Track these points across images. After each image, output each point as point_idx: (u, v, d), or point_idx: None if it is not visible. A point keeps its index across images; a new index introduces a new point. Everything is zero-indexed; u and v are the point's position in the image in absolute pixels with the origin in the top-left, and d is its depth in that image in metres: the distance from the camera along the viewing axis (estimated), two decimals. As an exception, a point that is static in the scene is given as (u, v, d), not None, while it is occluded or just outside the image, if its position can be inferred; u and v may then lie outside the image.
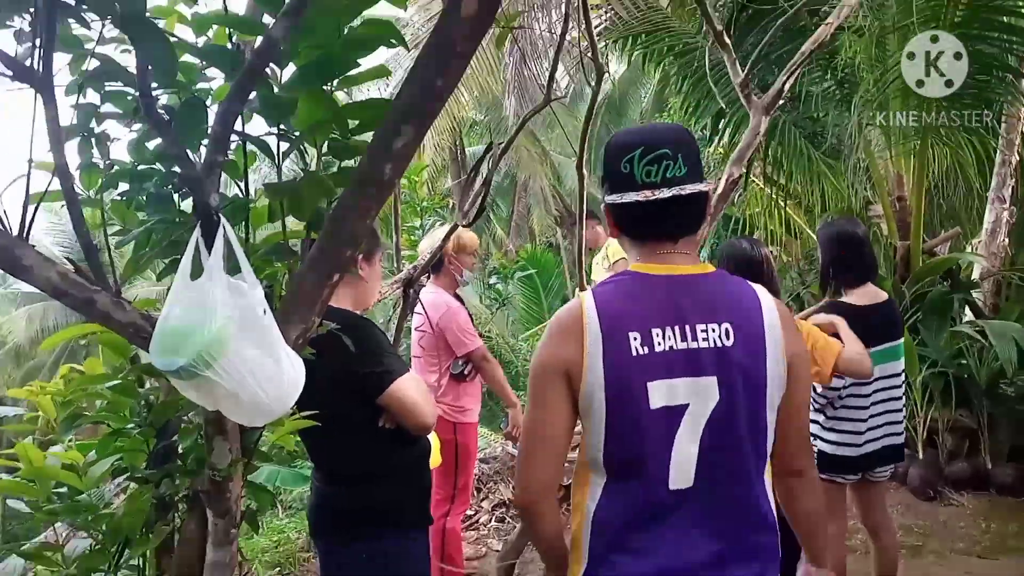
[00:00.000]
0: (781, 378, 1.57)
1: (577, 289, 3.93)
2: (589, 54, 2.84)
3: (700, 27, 6.12)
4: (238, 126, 1.47)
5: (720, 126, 6.34)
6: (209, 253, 1.40)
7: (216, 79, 1.66)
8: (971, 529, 4.88)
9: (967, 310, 6.21)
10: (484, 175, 3.10)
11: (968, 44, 5.20)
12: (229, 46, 1.53)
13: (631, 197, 1.59)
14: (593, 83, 2.90)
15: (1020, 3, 5.23)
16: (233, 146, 1.61)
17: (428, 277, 4.08)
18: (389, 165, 1.38)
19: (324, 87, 1.56)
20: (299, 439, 2.17)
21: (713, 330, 1.55)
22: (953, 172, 6.13)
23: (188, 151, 1.48)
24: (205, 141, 1.52)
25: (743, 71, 3.85)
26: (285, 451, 1.90)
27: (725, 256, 3.10)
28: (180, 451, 1.75)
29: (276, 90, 1.51)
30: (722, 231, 9.30)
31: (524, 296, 12.81)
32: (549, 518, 1.65)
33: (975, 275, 6.57)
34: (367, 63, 1.58)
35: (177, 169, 2.00)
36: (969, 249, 7.09)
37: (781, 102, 3.87)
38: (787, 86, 3.76)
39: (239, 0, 2.07)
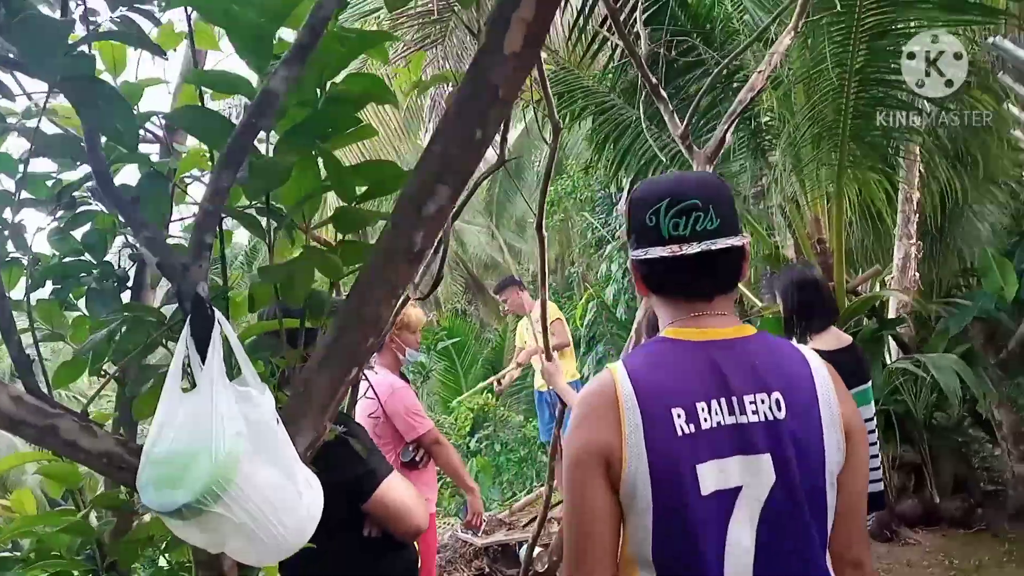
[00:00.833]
0: (839, 448, 1.41)
1: (513, 356, 3.74)
2: (544, 110, 2.70)
3: (614, 85, 6.17)
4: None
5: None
6: (201, 356, 1.13)
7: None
8: (935, 568, 4.86)
9: (893, 345, 6.36)
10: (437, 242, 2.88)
11: (870, 87, 5.43)
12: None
13: (657, 252, 1.43)
14: (549, 139, 2.76)
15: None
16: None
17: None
18: (421, 234, 1.17)
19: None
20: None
21: (763, 401, 1.38)
22: (866, 212, 6.32)
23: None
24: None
25: (680, 123, 3.82)
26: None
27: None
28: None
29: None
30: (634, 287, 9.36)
31: (442, 368, 12.49)
32: None
33: (891, 311, 6.76)
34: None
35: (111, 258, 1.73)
36: (879, 286, 7.33)
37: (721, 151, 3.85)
38: (728, 135, 3.75)
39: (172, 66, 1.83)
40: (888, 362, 5.94)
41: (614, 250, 9.67)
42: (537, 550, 3.08)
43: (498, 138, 2.75)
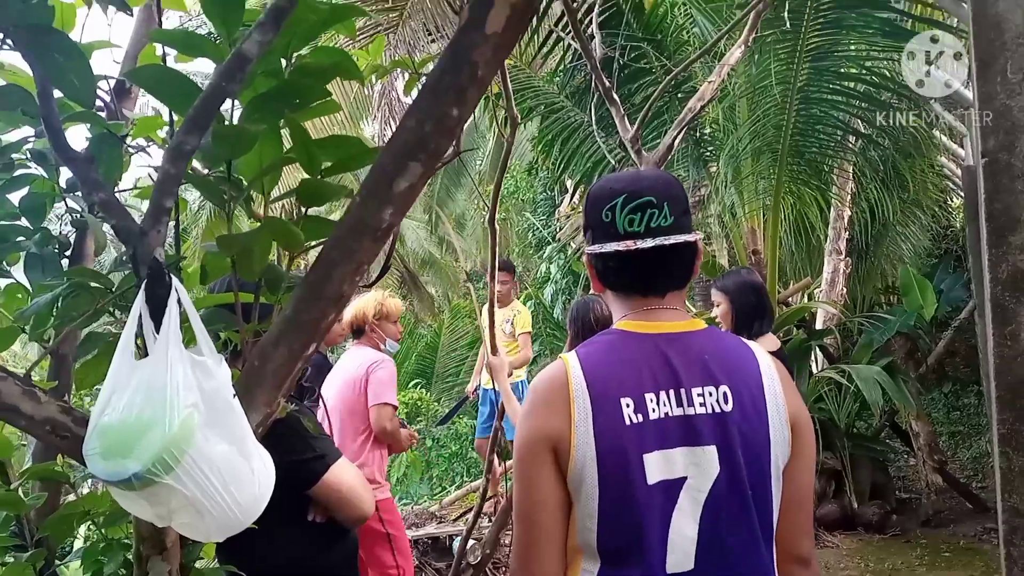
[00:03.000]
0: (786, 444, 1.43)
1: (481, 352, 3.74)
2: (503, 103, 2.70)
3: (564, 87, 6.21)
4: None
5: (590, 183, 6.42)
6: (155, 324, 1.09)
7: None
8: (851, 570, 5.03)
9: (819, 355, 6.56)
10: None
11: (811, 105, 5.60)
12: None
13: (612, 247, 1.44)
14: (507, 133, 2.76)
15: (853, 69, 5.67)
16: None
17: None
18: (389, 210, 1.15)
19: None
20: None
21: (710, 394, 1.39)
22: (800, 226, 6.51)
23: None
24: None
25: (631, 127, 3.87)
26: (214, 568, 1.55)
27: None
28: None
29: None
30: (572, 288, 9.45)
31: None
32: None
33: (819, 323, 6.98)
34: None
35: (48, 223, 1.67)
36: (807, 299, 7.57)
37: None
38: (676, 141, 3.81)
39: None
40: (814, 371, 6.12)
41: (554, 251, 9.73)
42: (470, 543, 3.07)
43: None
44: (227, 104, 1.24)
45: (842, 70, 5.54)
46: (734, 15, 4.35)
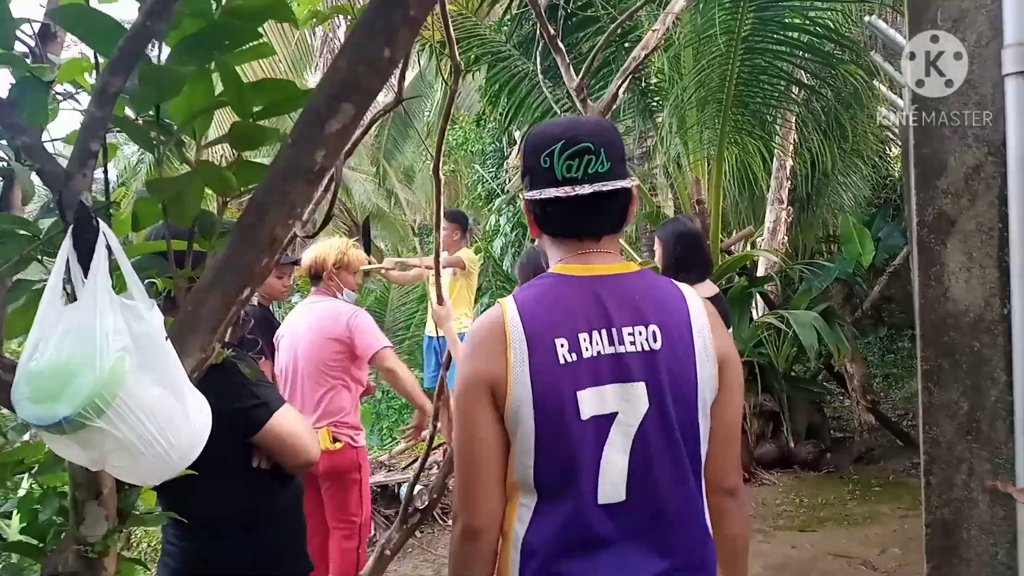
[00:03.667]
0: (713, 381, 1.49)
1: (430, 303, 3.74)
2: (446, 49, 2.67)
3: (510, 36, 6.14)
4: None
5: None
6: (83, 269, 1.08)
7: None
8: (787, 506, 5.24)
9: (760, 302, 6.73)
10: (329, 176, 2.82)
11: (755, 56, 5.64)
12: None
13: (551, 193, 1.47)
14: (450, 81, 2.74)
15: (797, 19, 5.72)
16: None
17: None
18: (322, 152, 1.14)
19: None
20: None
21: (640, 333, 1.45)
22: (744, 176, 6.61)
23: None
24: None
25: (576, 76, 3.86)
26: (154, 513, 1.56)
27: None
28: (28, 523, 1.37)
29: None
30: (522, 240, 9.47)
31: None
32: (494, 548, 1.48)
33: (760, 271, 7.14)
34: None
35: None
36: (750, 247, 7.72)
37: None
38: (620, 91, 3.82)
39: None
40: (755, 317, 6.28)
41: (503, 203, 9.72)
42: (417, 488, 3.12)
43: (395, 78, 2.70)
44: (156, 48, 1.22)
45: (786, 20, 5.58)
46: (679, -37, 4.32)
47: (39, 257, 1.28)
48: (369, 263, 5.79)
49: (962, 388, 2.03)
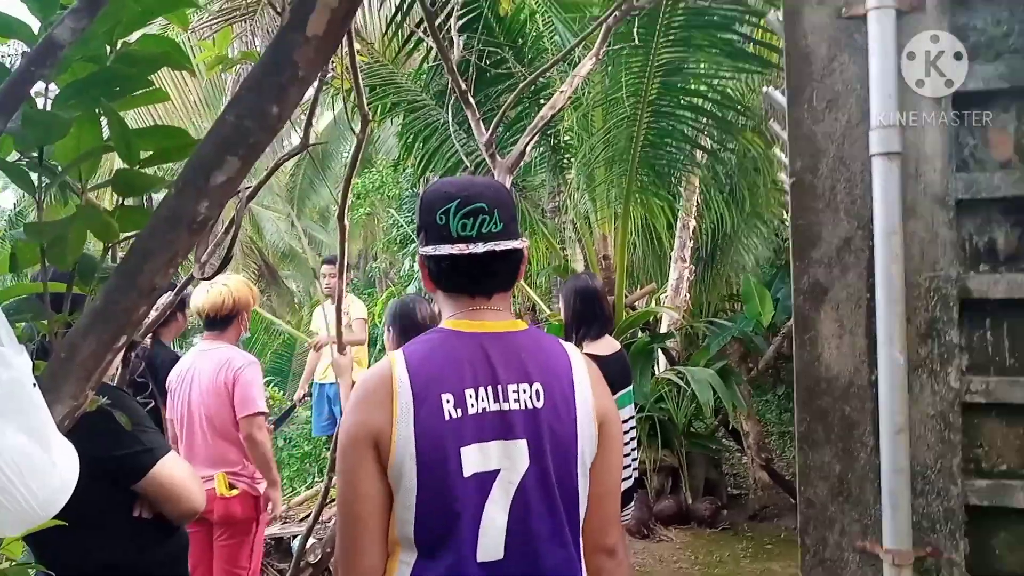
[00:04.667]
0: (593, 440, 1.53)
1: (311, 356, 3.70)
2: (354, 100, 2.71)
3: (427, 85, 6.24)
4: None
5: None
6: (-51, 311, 1.06)
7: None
8: (683, 563, 5.34)
9: (662, 358, 6.90)
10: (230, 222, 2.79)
11: (661, 119, 5.88)
12: None
13: (445, 249, 1.51)
14: (358, 130, 2.77)
15: (702, 86, 6.01)
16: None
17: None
18: (205, 203, 1.15)
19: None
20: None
21: (524, 391, 1.49)
22: (649, 233, 6.82)
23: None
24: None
25: (487, 131, 3.95)
26: (19, 564, 1.49)
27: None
28: None
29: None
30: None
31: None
32: None
33: (663, 327, 7.34)
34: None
35: None
36: (654, 303, 7.94)
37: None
38: (529, 148, 3.93)
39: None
40: (657, 373, 6.43)
41: (418, 248, 9.72)
42: (311, 541, 3.06)
43: (303, 121, 2.72)
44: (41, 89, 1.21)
45: (691, 86, 5.86)
46: (590, 27, 4.52)
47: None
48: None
49: (834, 451, 2.12)
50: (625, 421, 3.49)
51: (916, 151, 2.01)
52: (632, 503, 3.60)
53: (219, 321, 3.63)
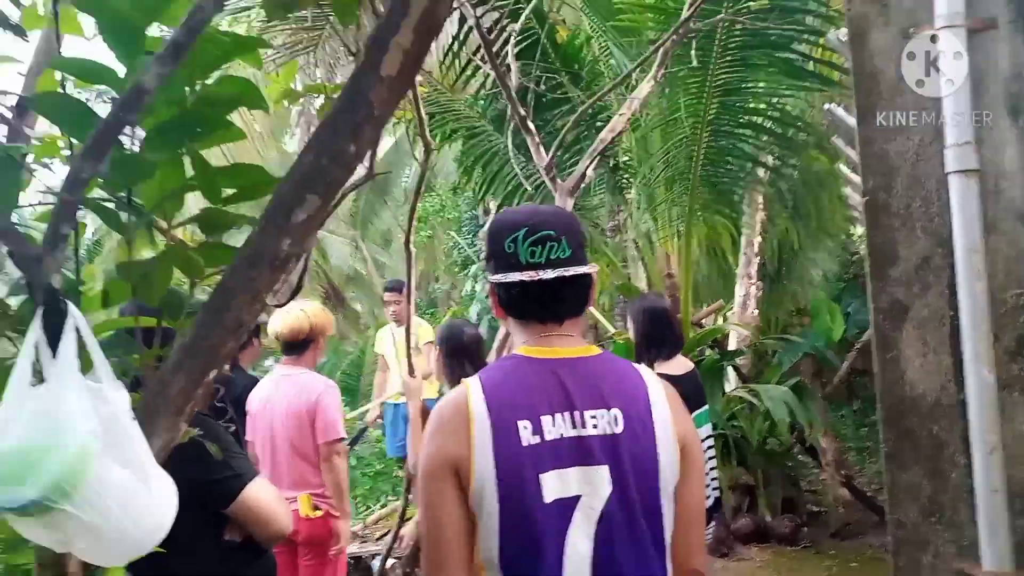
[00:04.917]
0: (675, 465, 1.51)
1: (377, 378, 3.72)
2: (417, 129, 2.76)
3: (485, 111, 6.31)
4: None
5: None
6: (52, 350, 1.11)
7: None
8: (768, 583, 5.21)
9: (731, 375, 6.78)
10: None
11: (720, 138, 5.82)
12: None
13: (515, 277, 1.52)
14: (420, 157, 2.82)
15: (761, 104, 5.94)
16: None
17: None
18: (288, 240, 1.19)
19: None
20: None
21: (602, 416, 1.48)
22: (712, 251, 6.74)
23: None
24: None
25: (546, 155, 3.97)
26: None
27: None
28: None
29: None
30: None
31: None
32: None
33: (731, 344, 7.22)
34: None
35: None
36: (721, 321, 7.83)
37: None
38: (589, 170, 3.93)
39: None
40: (727, 390, 6.33)
41: (479, 270, 9.81)
42: (391, 561, 3.09)
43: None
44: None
45: (750, 105, 5.80)
46: (647, 50, 4.51)
47: (8, 334, 1.30)
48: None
49: (924, 471, 2.05)
50: (703, 440, 3.44)
51: (995, 167, 1.95)
52: (713, 522, 3.54)
53: (297, 346, 3.67)
